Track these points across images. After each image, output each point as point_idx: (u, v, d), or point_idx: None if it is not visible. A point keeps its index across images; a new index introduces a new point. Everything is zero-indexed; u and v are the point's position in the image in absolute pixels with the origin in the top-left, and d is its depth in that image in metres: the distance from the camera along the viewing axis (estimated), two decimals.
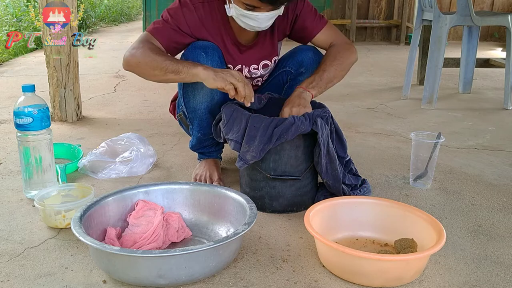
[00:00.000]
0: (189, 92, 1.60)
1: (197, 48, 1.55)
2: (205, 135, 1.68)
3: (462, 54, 3.31)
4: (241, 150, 1.44)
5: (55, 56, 2.31)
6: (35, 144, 1.51)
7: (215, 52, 1.56)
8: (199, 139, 1.70)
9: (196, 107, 1.61)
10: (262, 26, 1.52)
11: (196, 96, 1.59)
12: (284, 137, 1.38)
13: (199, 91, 1.58)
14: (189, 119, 1.69)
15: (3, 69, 3.96)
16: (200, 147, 1.74)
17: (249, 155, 1.42)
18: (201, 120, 1.64)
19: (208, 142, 1.71)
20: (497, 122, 2.60)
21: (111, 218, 1.30)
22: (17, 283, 1.11)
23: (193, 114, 1.64)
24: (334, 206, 1.33)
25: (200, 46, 1.56)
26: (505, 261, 1.24)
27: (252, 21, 1.49)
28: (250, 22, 1.49)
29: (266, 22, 1.51)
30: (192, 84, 1.57)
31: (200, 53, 1.54)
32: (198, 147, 1.74)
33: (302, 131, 1.38)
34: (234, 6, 1.48)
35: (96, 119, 2.53)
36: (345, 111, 2.81)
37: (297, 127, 1.38)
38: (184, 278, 1.08)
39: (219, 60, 1.57)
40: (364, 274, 1.10)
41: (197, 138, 1.71)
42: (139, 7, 10.53)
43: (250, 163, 1.44)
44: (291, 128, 1.37)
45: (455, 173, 1.84)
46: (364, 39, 6.48)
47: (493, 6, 6.38)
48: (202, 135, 1.69)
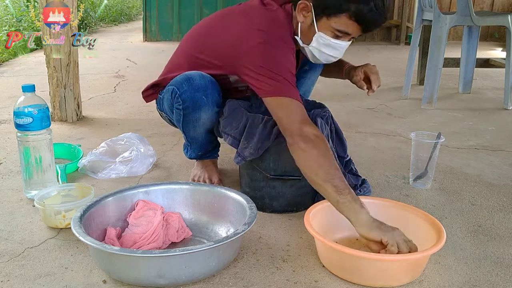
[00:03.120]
0: (190, 127, 1.56)
1: (196, 91, 1.45)
2: (205, 149, 1.68)
3: (462, 54, 3.31)
4: (239, 147, 1.44)
5: (55, 56, 2.31)
6: (35, 144, 1.51)
7: (214, 89, 1.48)
8: (199, 156, 1.69)
9: (196, 136, 1.60)
10: (340, 56, 1.43)
11: (197, 129, 1.57)
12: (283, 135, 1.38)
13: (201, 126, 1.55)
14: (187, 141, 1.66)
15: (3, 69, 3.96)
16: (198, 157, 1.72)
17: (247, 152, 1.42)
18: (201, 143, 1.64)
19: (208, 154, 1.71)
20: (497, 122, 2.60)
21: (111, 218, 1.30)
22: (17, 283, 1.11)
23: (193, 140, 1.63)
24: None
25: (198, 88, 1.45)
26: (505, 261, 1.24)
27: (334, 51, 1.39)
28: (330, 52, 1.39)
29: (343, 51, 1.41)
30: (192, 123, 1.53)
31: (201, 97, 1.46)
32: (195, 157, 1.72)
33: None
34: (320, 35, 1.36)
35: (96, 119, 2.53)
36: (345, 111, 2.81)
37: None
38: (184, 278, 1.08)
39: (218, 95, 1.50)
40: (364, 274, 1.10)
41: (196, 155, 1.69)
42: (139, 7, 10.52)
43: (248, 160, 1.44)
44: None
45: (455, 173, 1.84)
46: (364, 39, 6.47)
47: (493, 6, 6.38)
48: (202, 153, 1.68)
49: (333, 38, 1.36)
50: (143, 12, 6.23)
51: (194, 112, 1.50)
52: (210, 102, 1.49)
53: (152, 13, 6.10)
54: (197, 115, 1.51)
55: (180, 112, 1.52)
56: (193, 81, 1.46)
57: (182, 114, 1.52)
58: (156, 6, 6.06)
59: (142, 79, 1.58)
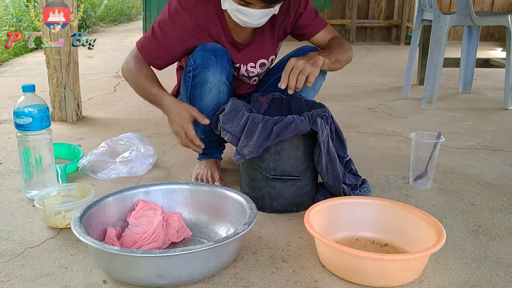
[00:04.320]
0: (196, 95, 1.58)
1: (207, 52, 1.54)
2: (208, 137, 1.68)
3: (462, 54, 3.31)
4: (239, 145, 1.44)
5: (55, 56, 2.31)
6: (35, 144, 1.51)
7: (224, 56, 1.56)
8: (202, 141, 1.69)
9: (202, 110, 1.60)
10: (254, 23, 1.50)
11: (204, 98, 1.58)
12: (283, 135, 1.38)
13: (207, 94, 1.57)
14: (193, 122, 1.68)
15: (3, 69, 3.96)
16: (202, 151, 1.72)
17: (246, 150, 1.42)
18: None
19: (211, 144, 1.71)
20: (497, 122, 2.60)
21: (111, 218, 1.30)
22: (17, 283, 1.11)
23: None
24: (334, 206, 1.33)
25: (209, 49, 1.55)
26: (505, 261, 1.24)
27: (245, 16, 1.47)
28: (243, 18, 1.48)
29: (259, 19, 1.49)
30: (199, 87, 1.57)
31: (210, 56, 1.53)
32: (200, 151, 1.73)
33: (301, 129, 1.38)
34: (228, 0, 1.47)
35: (96, 119, 2.53)
36: (345, 111, 2.81)
37: (296, 125, 1.38)
38: (184, 278, 1.08)
39: (228, 64, 1.57)
40: (364, 274, 1.10)
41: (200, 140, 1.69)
42: (139, 7, 10.53)
43: (247, 158, 1.44)
44: (290, 126, 1.38)
45: (455, 173, 1.84)
46: (364, 39, 6.47)
47: (493, 6, 6.38)
48: (205, 137, 1.68)
49: (239, 5, 1.44)
50: (143, 12, 6.23)
51: (203, 72, 1.54)
52: (219, 65, 1.53)
53: (152, 13, 6.10)
54: (205, 75, 1.54)
55: (190, 75, 1.56)
56: (206, 45, 1.56)
57: (191, 76, 1.56)
58: (156, 6, 6.06)
59: None
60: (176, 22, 1.54)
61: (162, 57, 1.60)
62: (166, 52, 1.59)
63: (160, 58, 1.61)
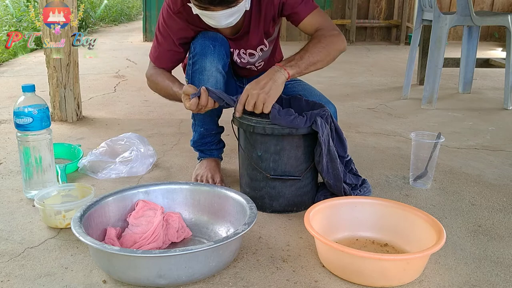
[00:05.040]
0: (195, 80, 1.59)
1: (206, 39, 1.58)
2: (207, 130, 1.68)
3: (462, 54, 3.31)
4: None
5: (55, 56, 2.32)
6: (35, 144, 1.51)
7: (222, 47, 1.59)
8: (201, 134, 1.70)
9: None
10: (221, 24, 1.45)
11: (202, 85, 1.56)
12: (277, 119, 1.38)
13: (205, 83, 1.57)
14: (192, 114, 1.69)
15: (3, 69, 3.97)
16: (202, 144, 1.73)
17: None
18: (205, 113, 1.64)
19: (210, 138, 1.71)
20: (497, 122, 2.60)
21: (111, 218, 1.30)
22: (17, 283, 1.11)
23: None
24: (334, 206, 1.33)
25: (209, 37, 1.58)
26: (505, 261, 1.24)
27: (210, 19, 1.45)
28: (209, 21, 1.46)
29: (225, 20, 1.43)
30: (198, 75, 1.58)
31: (209, 45, 1.57)
32: (199, 144, 1.74)
33: (295, 124, 1.38)
34: (192, 6, 1.44)
35: (96, 119, 2.53)
36: (345, 111, 2.81)
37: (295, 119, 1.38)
38: (184, 278, 1.08)
39: (225, 55, 1.60)
40: (364, 274, 1.10)
41: (199, 133, 1.71)
42: (139, 7, 10.53)
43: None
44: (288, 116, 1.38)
45: (455, 173, 1.84)
46: (364, 39, 6.48)
47: (493, 6, 6.38)
48: (204, 130, 1.69)
49: (200, 9, 1.41)
50: (143, 12, 6.23)
51: (201, 60, 1.57)
52: (216, 54, 1.57)
53: (152, 13, 6.11)
54: (203, 63, 1.57)
55: (190, 62, 1.61)
56: (207, 33, 1.60)
57: (192, 64, 1.60)
58: (156, 6, 6.06)
59: (142, 79, 1.59)
60: (170, 25, 1.60)
61: (172, 57, 1.66)
62: (173, 53, 1.64)
63: (171, 60, 1.66)
